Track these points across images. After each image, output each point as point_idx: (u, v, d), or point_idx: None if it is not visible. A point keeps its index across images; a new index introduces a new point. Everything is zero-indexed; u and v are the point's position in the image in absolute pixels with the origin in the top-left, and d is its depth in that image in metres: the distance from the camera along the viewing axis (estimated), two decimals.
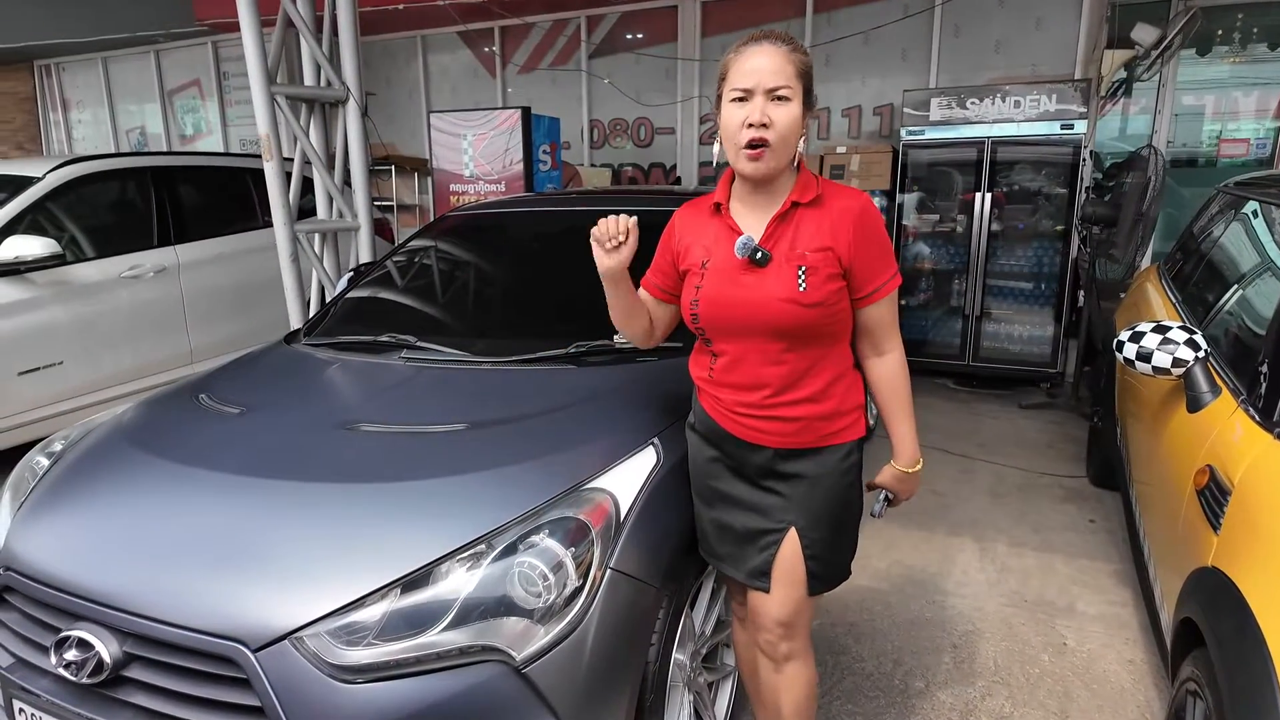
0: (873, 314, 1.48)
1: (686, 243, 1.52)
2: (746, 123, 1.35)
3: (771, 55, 1.35)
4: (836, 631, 2.43)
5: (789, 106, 1.36)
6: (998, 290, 5.32)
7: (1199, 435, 1.81)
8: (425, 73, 7.99)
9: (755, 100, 1.35)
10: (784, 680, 1.60)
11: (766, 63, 1.35)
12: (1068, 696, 2.13)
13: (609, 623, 1.41)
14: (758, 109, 1.34)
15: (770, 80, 1.34)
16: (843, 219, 1.41)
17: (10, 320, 3.60)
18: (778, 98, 1.35)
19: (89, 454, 1.81)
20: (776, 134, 1.35)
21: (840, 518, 1.53)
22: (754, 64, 1.35)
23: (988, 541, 3.03)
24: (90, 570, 1.46)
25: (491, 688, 1.30)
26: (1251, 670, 1.18)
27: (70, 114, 10.21)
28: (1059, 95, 4.92)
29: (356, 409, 1.89)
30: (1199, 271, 2.76)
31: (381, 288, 2.67)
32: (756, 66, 1.35)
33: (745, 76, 1.36)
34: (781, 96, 1.35)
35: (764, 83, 1.34)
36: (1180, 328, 1.94)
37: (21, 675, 1.43)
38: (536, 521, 1.43)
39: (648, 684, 1.51)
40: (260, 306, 4.55)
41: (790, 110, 1.36)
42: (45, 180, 3.86)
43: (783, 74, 1.35)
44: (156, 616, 1.34)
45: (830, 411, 1.48)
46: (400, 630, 1.30)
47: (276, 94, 3.77)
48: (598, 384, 1.90)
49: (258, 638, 1.28)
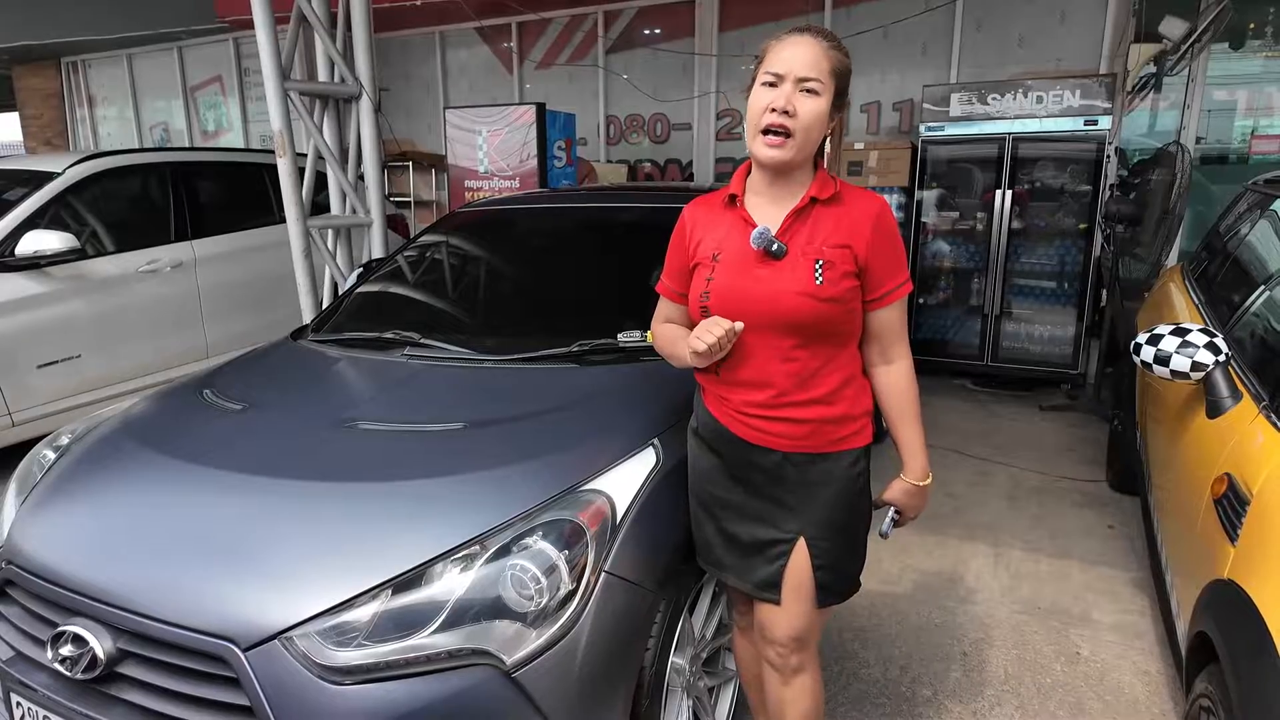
0: (883, 317, 1.45)
1: (698, 237, 1.49)
2: (770, 107, 1.33)
3: (809, 46, 1.34)
4: (844, 637, 2.39)
5: (817, 100, 1.33)
6: (1018, 289, 5.23)
7: (1218, 442, 1.75)
8: (443, 69, 8.00)
9: (784, 87, 1.33)
10: (792, 693, 1.56)
11: (803, 52, 1.33)
12: (1079, 708, 2.07)
13: (603, 627, 1.38)
14: (784, 96, 1.33)
15: (802, 69, 1.32)
16: (862, 219, 1.40)
17: (30, 314, 3.65)
18: (807, 89, 1.33)
19: (94, 449, 1.82)
20: (799, 124, 1.33)
21: (850, 526, 1.50)
22: (791, 52, 1.34)
23: (1002, 547, 2.97)
24: (87, 565, 1.46)
25: (481, 691, 1.28)
26: (1265, 690, 1.13)
27: (96, 110, 10.37)
28: (1083, 90, 4.82)
29: (356, 407, 1.88)
30: (1224, 271, 2.68)
31: (388, 284, 2.67)
32: (792, 54, 1.34)
33: (780, 62, 1.34)
34: (811, 89, 1.33)
35: (796, 70, 1.33)
36: (1200, 330, 1.88)
37: (20, 669, 1.44)
38: (531, 523, 1.41)
39: (643, 689, 1.48)
40: (275, 301, 4.57)
41: (817, 104, 1.33)
42: (65, 176, 3.91)
43: (816, 67, 1.33)
44: (150, 613, 1.34)
45: (840, 415, 1.44)
46: (390, 632, 1.29)
47: (290, 90, 3.79)
48: (599, 383, 1.88)
49: (248, 637, 1.27)
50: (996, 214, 5.12)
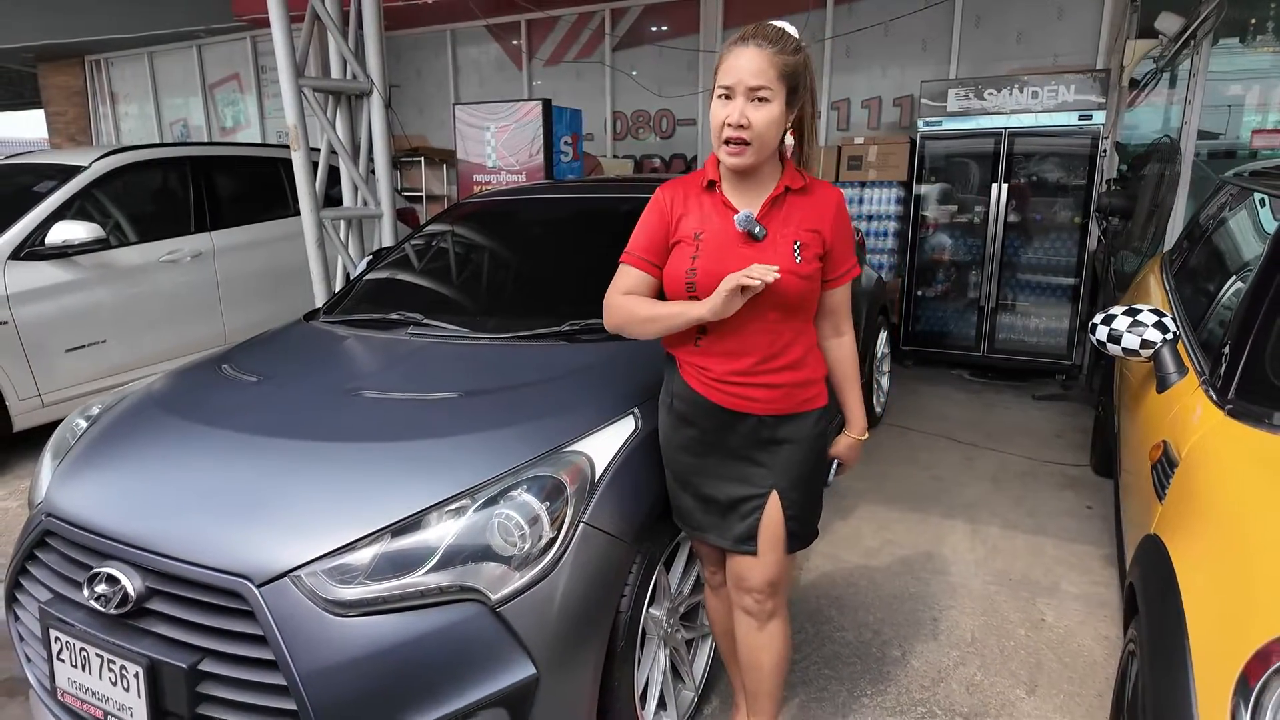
0: (837, 296, 1.63)
1: (679, 214, 1.59)
2: (725, 122, 1.45)
3: (754, 57, 1.42)
4: (821, 603, 2.52)
5: (768, 107, 1.44)
6: (1014, 282, 5.32)
7: (1163, 413, 1.87)
8: (454, 65, 8.16)
9: (736, 101, 1.44)
10: (766, 638, 1.70)
11: (748, 63, 1.43)
12: (1039, 668, 2.20)
13: (580, 571, 1.53)
14: (737, 109, 1.43)
15: (751, 79, 1.42)
16: (826, 207, 1.56)
17: (58, 301, 3.84)
18: (758, 98, 1.43)
19: (122, 416, 1.99)
20: (754, 133, 1.44)
21: (813, 479, 1.65)
22: (738, 63, 1.44)
23: (981, 524, 3.09)
24: (119, 516, 1.62)
25: (469, 624, 1.43)
26: (1165, 631, 1.25)
27: (118, 107, 10.62)
28: (1077, 85, 4.91)
29: (362, 378, 2.04)
30: (1194, 261, 2.78)
31: (395, 270, 2.83)
32: (739, 66, 1.43)
33: (730, 74, 1.44)
34: (762, 97, 1.43)
35: (745, 81, 1.43)
36: (1150, 310, 2.00)
37: (59, 608, 1.60)
38: (517, 479, 1.56)
39: (618, 631, 1.62)
40: (290, 290, 4.75)
41: (769, 111, 1.44)
42: (91, 169, 4.11)
43: (764, 75, 1.42)
44: (175, 555, 1.50)
45: (805, 379, 1.59)
46: (388, 571, 1.44)
47: (304, 86, 3.95)
48: (586, 359, 2.02)
49: (261, 574, 1.43)
50: (993, 208, 5.22)
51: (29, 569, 1.71)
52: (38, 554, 1.71)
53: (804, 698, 2.09)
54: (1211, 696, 1.08)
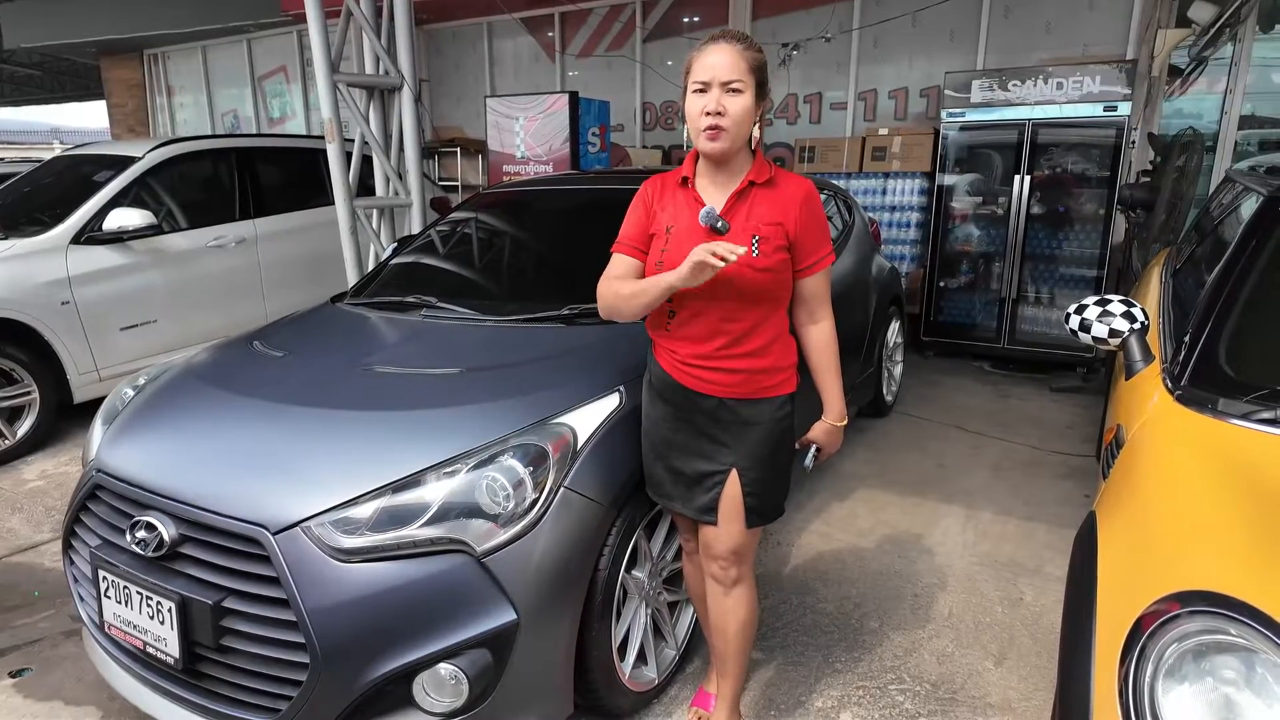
0: (810, 284, 1.72)
1: (658, 207, 1.73)
2: (704, 111, 1.59)
3: (726, 53, 1.57)
4: (807, 576, 2.65)
5: (741, 97, 1.58)
6: (1036, 274, 5.32)
7: (1127, 400, 1.95)
8: (490, 58, 8.36)
9: (712, 92, 1.58)
10: (732, 602, 1.84)
11: (722, 59, 1.57)
12: (1011, 642, 2.30)
13: (560, 530, 1.69)
14: (714, 99, 1.57)
15: (725, 74, 1.56)
16: (791, 200, 1.65)
17: (114, 283, 4.14)
18: (732, 90, 1.57)
19: (164, 386, 2.21)
20: (730, 120, 1.58)
21: (775, 460, 1.76)
22: (712, 59, 1.57)
23: (976, 509, 3.17)
24: (158, 472, 1.84)
25: (457, 572, 1.61)
26: (1081, 591, 1.36)
27: (174, 99, 11.10)
28: (1103, 76, 4.87)
29: (376, 355, 2.22)
30: (1193, 255, 2.81)
31: (417, 256, 3.02)
32: (714, 62, 1.57)
33: (704, 70, 1.58)
34: (735, 89, 1.57)
35: (719, 76, 1.56)
36: (1120, 300, 2.07)
37: (106, 552, 1.82)
38: (505, 445, 1.73)
39: (597, 587, 1.78)
40: (327, 274, 4.99)
41: (742, 100, 1.58)
42: (144, 160, 4.40)
43: (736, 69, 1.56)
44: (203, 506, 1.70)
45: (768, 367, 1.71)
46: (388, 524, 1.62)
47: (339, 81, 4.17)
48: (580, 340, 2.18)
49: (276, 524, 1.62)
50: (1015, 199, 5.22)
51: (82, 519, 1.95)
52: (89, 505, 1.93)
53: (781, 661, 2.22)
54: (1107, 645, 1.20)
